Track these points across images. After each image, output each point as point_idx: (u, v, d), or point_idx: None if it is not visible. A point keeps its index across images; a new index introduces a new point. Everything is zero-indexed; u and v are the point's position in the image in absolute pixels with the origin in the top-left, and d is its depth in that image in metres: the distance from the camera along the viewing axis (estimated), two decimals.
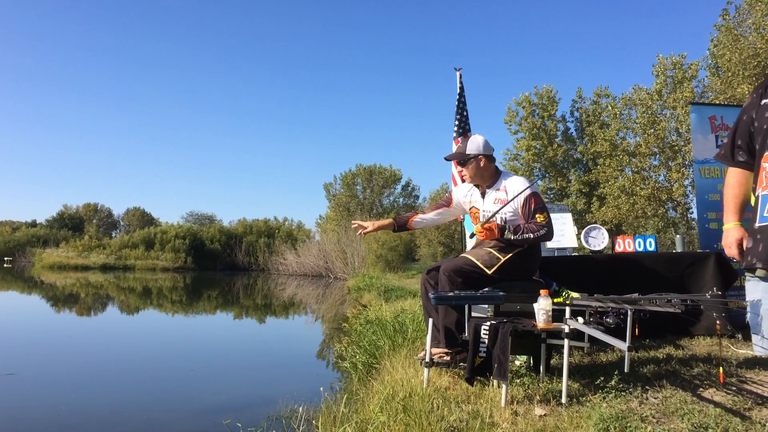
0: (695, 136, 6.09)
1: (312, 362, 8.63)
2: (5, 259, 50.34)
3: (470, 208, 4.11)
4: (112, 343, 10.14)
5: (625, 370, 3.16)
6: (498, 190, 3.91)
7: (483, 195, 4.00)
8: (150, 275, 36.28)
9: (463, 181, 4.25)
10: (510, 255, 3.74)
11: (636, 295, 3.18)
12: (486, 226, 3.79)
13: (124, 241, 48.10)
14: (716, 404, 2.99)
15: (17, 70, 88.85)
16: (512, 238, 3.73)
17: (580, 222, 21.40)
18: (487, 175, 3.95)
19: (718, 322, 3.32)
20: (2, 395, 6.00)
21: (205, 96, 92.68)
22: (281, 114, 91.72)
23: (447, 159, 4.25)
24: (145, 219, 70.16)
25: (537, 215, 3.73)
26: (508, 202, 3.78)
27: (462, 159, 3.94)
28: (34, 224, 64.24)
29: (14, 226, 61.82)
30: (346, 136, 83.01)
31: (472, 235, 4.68)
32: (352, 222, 4.39)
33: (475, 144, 3.92)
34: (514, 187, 3.83)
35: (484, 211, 3.94)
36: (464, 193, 4.16)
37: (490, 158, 3.95)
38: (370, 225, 4.23)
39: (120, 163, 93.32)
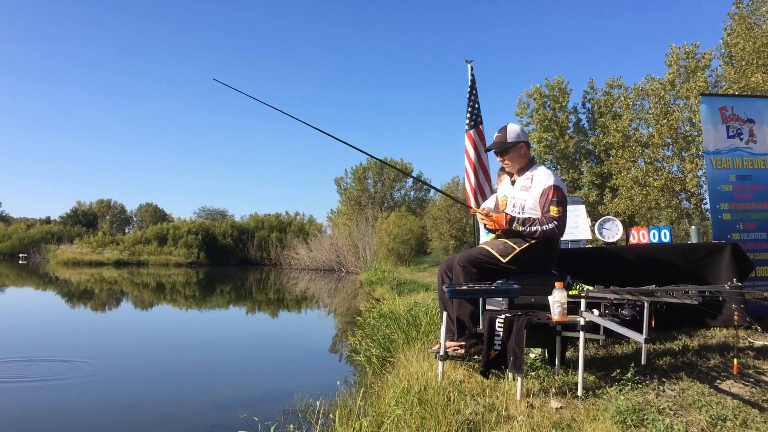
0: (706, 127, 6.02)
1: (326, 356, 8.67)
2: (20, 255, 50.89)
3: (501, 198, 4.15)
4: (128, 338, 10.23)
5: (642, 362, 3.15)
6: (526, 178, 3.92)
7: (513, 183, 4.03)
8: (163, 271, 36.52)
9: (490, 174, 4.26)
10: (525, 245, 3.74)
11: (653, 286, 3.16)
12: (488, 213, 3.82)
13: (137, 237, 48.39)
14: (734, 396, 2.98)
15: (29, 68, 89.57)
16: (520, 229, 3.73)
17: (593, 214, 21.29)
18: (524, 161, 3.99)
19: (736, 313, 3.29)
20: (20, 391, 6.08)
21: (217, 92, 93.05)
22: (292, 109, 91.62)
23: (487, 150, 4.39)
24: (157, 215, 70.53)
25: (551, 207, 3.71)
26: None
27: (503, 147, 3.97)
28: (48, 221, 64.73)
29: (28, 223, 62.28)
30: (357, 130, 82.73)
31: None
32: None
33: (514, 132, 3.97)
34: (539, 178, 3.84)
35: (512, 197, 3.97)
36: (501, 187, 4.27)
37: (528, 145, 4.02)
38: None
39: (132, 159, 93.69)
